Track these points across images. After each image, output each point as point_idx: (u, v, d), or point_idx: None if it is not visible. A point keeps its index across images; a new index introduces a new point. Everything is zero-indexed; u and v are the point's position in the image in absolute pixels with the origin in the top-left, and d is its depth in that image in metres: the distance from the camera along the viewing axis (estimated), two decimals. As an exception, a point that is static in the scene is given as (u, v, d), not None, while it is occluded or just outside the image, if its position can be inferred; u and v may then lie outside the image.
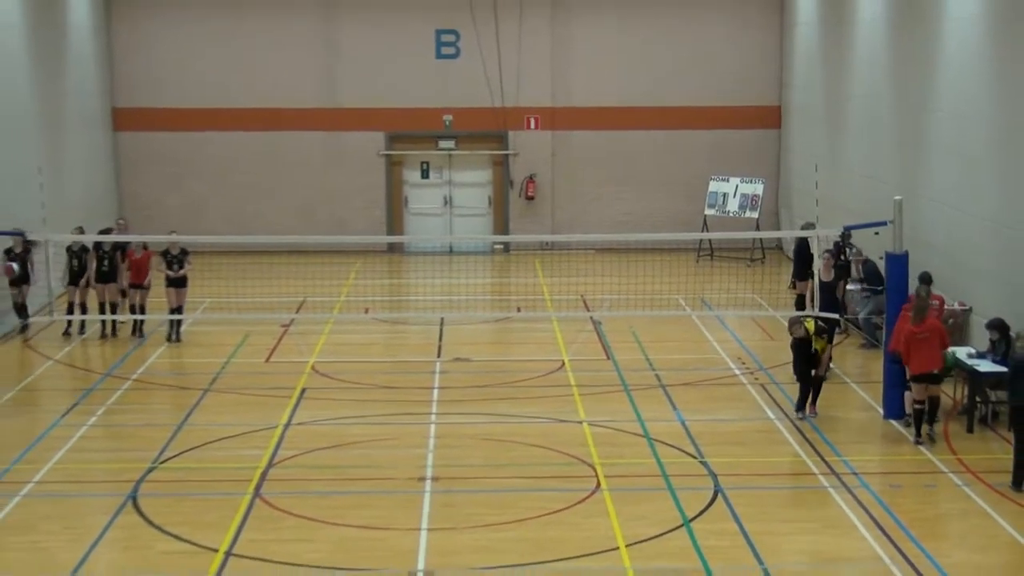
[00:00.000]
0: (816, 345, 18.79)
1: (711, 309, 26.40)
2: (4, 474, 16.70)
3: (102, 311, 24.17)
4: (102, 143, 33.57)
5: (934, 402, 17.88)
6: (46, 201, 24.67)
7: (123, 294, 24.45)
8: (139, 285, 23.82)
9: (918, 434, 17.82)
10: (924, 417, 17.76)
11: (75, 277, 24.08)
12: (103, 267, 23.84)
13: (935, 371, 17.73)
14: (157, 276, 24.28)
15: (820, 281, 21.45)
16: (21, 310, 23.79)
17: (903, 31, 24.93)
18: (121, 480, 16.40)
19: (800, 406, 18.97)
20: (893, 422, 18.54)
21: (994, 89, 20.63)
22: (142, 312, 23.85)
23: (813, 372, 18.93)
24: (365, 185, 34.73)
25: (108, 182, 33.88)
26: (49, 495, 16.00)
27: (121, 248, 24.11)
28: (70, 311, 24.18)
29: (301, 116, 34.33)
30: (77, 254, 23.93)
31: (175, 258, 23.57)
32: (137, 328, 23.99)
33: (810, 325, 18.91)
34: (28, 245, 23.08)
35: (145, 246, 24.12)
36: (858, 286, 23.36)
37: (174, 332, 23.79)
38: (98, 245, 23.79)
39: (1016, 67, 19.77)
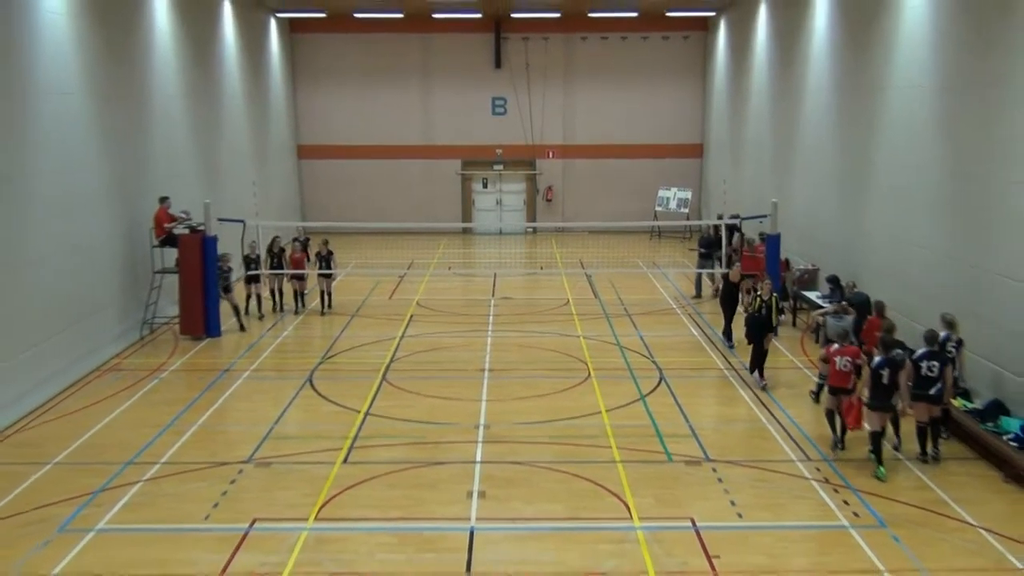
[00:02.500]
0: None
1: (659, 268, 26.27)
2: (233, 364, 16.92)
3: (272, 295, 21.32)
4: (291, 166, 33.61)
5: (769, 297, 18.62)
6: (258, 203, 24.79)
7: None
8: (297, 276, 21.12)
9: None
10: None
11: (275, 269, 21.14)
12: (274, 263, 21.07)
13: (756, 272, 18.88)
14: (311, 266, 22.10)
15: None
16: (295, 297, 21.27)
17: (778, 99, 24.61)
18: (302, 369, 16.55)
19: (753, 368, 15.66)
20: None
21: (834, 134, 20.37)
22: (302, 294, 21.33)
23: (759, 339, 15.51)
24: (449, 193, 34.61)
25: (294, 191, 33.96)
26: (259, 378, 16.20)
27: (301, 246, 21.54)
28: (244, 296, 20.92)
29: (411, 150, 34.21)
30: (277, 254, 21.21)
31: (323, 258, 21.18)
32: (299, 302, 21.28)
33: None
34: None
35: (304, 247, 21.67)
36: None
37: (326, 306, 21.07)
38: (271, 248, 21.23)
39: (850, 120, 19.52)
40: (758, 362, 15.48)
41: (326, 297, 21.18)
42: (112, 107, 18.20)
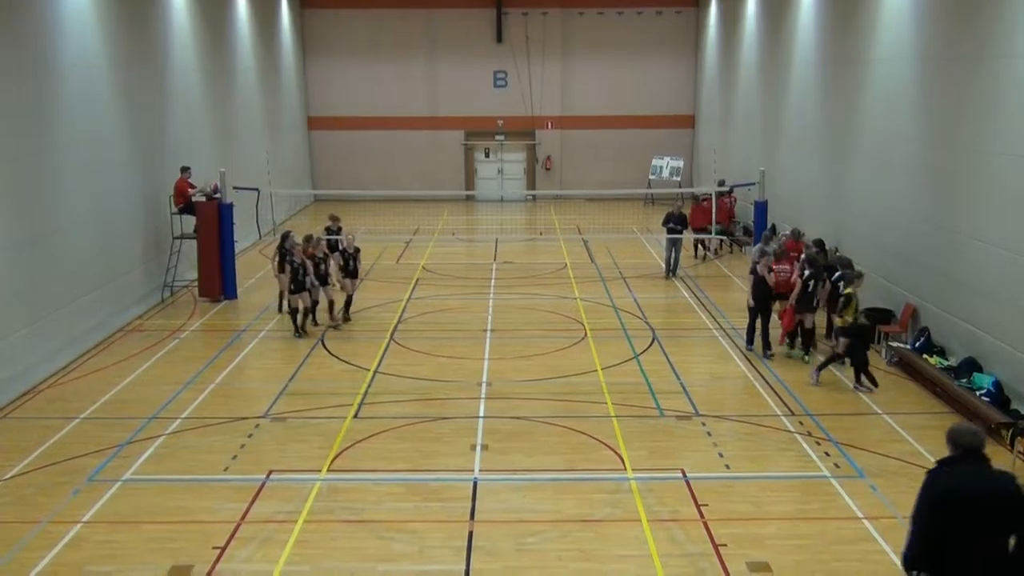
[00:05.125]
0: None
1: (651, 234, 26.14)
2: (250, 325, 16.88)
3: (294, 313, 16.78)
4: (302, 137, 33.35)
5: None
6: (271, 171, 24.60)
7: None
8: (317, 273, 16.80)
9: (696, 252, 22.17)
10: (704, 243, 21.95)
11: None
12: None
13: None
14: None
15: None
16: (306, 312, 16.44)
17: (767, 72, 24.33)
18: (314, 330, 16.51)
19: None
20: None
21: (820, 104, 20.15)
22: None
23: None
24: (452, 162, 34.37)
25: (305, 160, 33.74)
26: (274, 338, 16.18)
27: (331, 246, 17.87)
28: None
29: (417, 121, 33.92)
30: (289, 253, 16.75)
31: (350, 256, 16.96)
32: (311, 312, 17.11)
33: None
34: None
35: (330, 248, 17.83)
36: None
37: (344, 310, 17.00)
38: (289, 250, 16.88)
39: (835, 91, 19.28)
40: (863, 369, 12.99)
41: (346, 302, 17.03)
42: (133, 81, 18.09)
